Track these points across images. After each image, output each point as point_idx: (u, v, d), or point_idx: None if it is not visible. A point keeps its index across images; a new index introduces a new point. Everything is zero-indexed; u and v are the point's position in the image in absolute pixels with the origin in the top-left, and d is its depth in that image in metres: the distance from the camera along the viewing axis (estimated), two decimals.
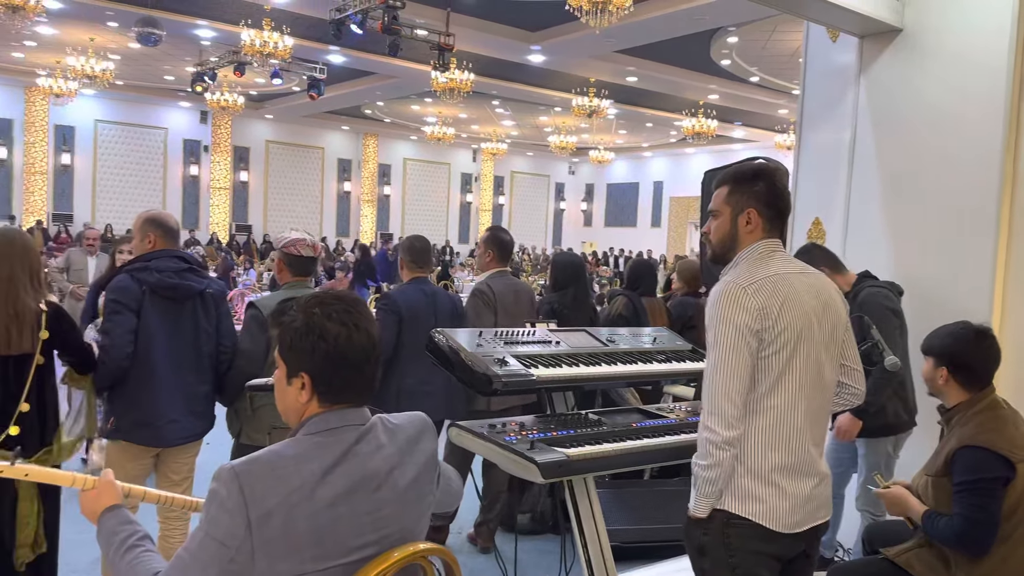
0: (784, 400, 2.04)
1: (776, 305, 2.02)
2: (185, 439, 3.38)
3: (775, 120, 20.32)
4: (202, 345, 3.38)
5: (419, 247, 4.22)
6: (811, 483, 2.09)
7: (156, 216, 3.45)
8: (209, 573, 1.46)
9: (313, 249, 3.56)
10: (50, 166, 21.60)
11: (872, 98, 4.21)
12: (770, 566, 2.09)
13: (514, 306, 4.38)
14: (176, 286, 3.27)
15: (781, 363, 2.03)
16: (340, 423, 1.60)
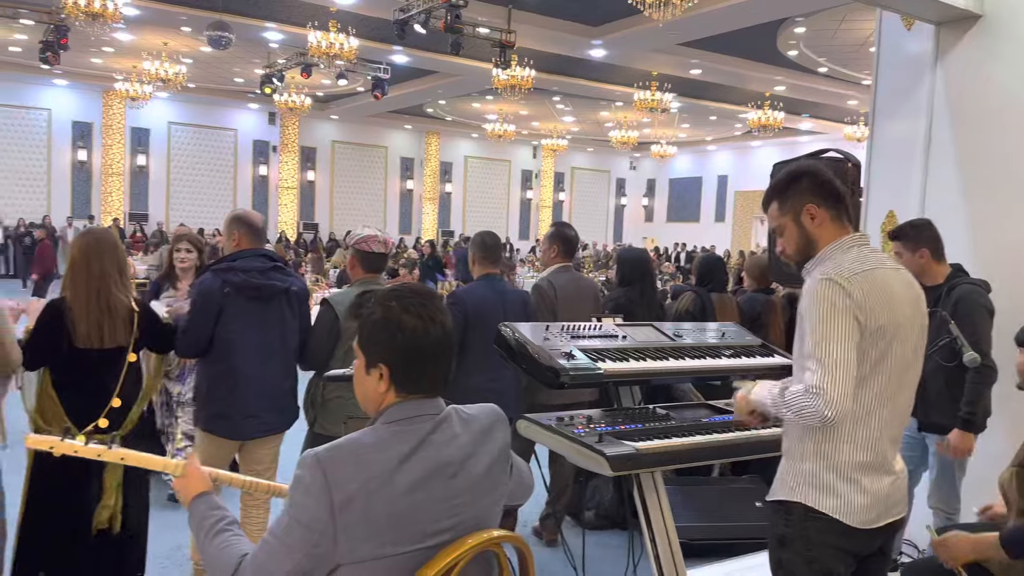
0: (869, 398, 2.02)
1: (874, 302, 2.00)
2: (263, 433, 3.50)
3: (844, 111, 19.78)
4: (288, 341, 3.48)
5: (491, 243, 4.23)
6: (889, 480, 2.08)
7: (242, 215, 3.56)
8: (295, 556, 1.52)
9: (385, 245, 3.63)
10: (126, 167, 22.43)
11: (949, 87, 4.08)
12: (847, 562, 2.08)
13: (577, 301, 4.37)
14: (261, 286, 3.37)
15: (872, 361, 2.01)
16: (416, 412, 1.65)
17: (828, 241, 2.13)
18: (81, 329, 2.95)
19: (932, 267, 3.57)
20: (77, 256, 3.02)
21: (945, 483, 3.57)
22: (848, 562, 2.08)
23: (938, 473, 3.59)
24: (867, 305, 1.98)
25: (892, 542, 2.21)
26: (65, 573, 2.99)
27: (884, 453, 2.07)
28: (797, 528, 2.07)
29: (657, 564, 2.61)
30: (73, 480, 2.98)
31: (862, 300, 1.98)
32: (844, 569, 2.08)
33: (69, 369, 3.00)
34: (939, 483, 3.59)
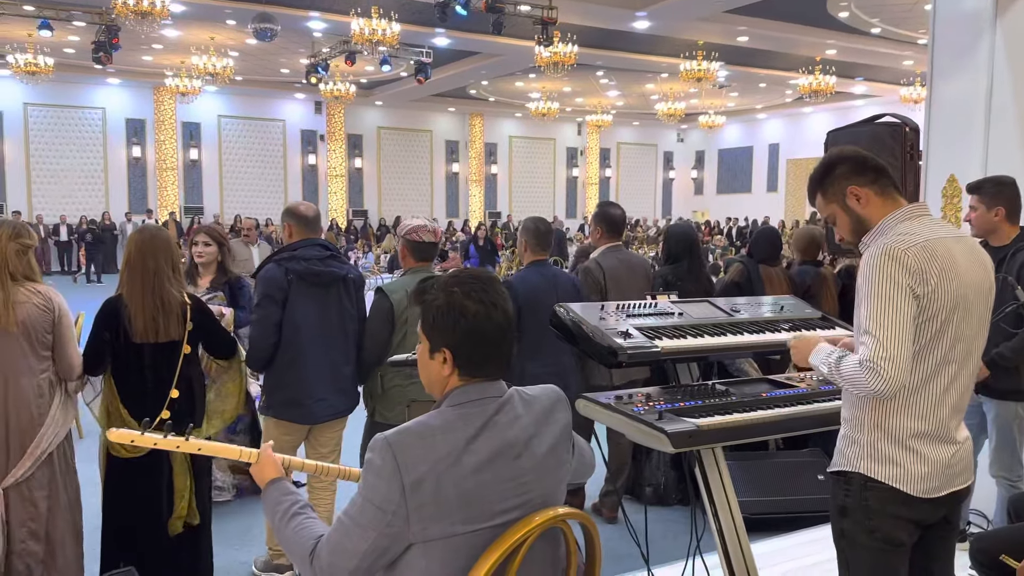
0: (928, 369, 2.00)
1: (935, 272, 1.96)
2: (332, 416, 3.62)
3: (900, 73, 19.17)
4: (347, 327, 3.60)
5: (543, 230, 4.22)
6: (950, 450, 2.05)
7: (291, 207, 3.71)
8: (369, 535, 1.58)
9: (434, 235, 3.70)
10: (179, 161, 22.97)
11: (1010, 44, 3.94)
12: (909, 530, 2.07)
13: (628, 281, 4.35)
14: (321, 273, 3.50)
15: (932, 332, 1.98)
16: (480, 395, 1.68)
17: (880, 216, 2.11)
18: (138, 324, 3.05)
19: (1004, 227, 3.48)
20: (133, 253, 3.11)
21: (1006, 450, 3.49)
22: (911, 530, 2.07)
23: (998, 440, 3.51)
24: (925, 276, 1.95)
25: (958, 511, 2.19)
26: (145, 562, 3.12)
27: (945, 423, 2.04)
28: (857, 498, 2.07)
29: (721, 539, 2.62)
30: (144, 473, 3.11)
31: (919, 271, 1.95)
32: (907, 537, 2.07)
33: (126, 364, 3.10)
34: (1000, 450, 3.51)
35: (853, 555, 2.12)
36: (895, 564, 2.08)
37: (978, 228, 3.53)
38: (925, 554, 2.15)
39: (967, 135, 4.11)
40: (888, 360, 1.91)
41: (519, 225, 4.74)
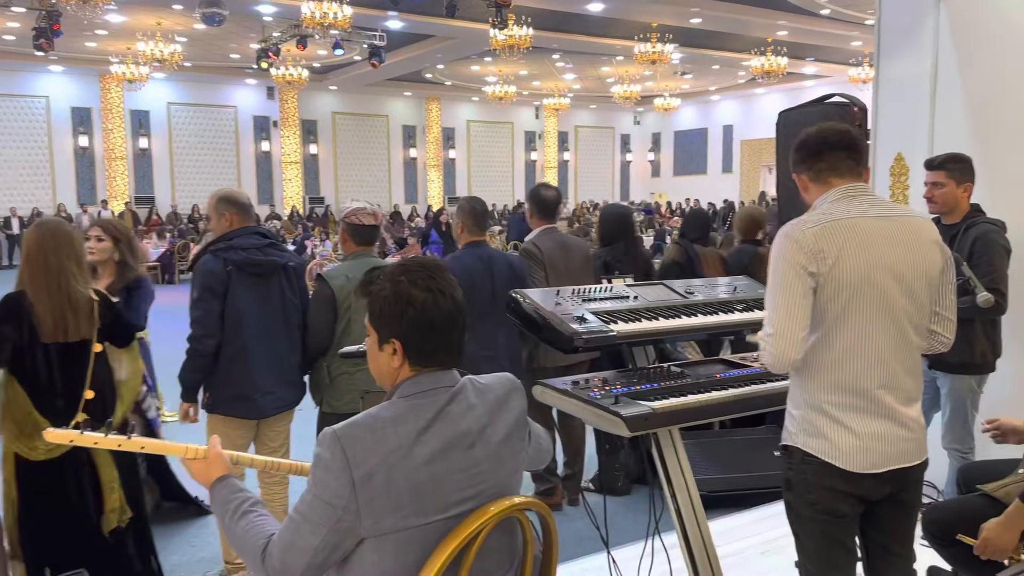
0: (844, 343, 2.04)
1: (834, 251, 2.01)
2: (281, 408, 3.52)
3: (849, 53, 19.45)
4: (290, 316, 3.50)
5: (480, 210, 4.15)
6: (885, 425, 2.05)
7: (230, 194, 3.54)
8: (320, 532, 1.55)
9: (374, 217, 3.61)
10: (129, 150, 22.42)
11: (954, 23, 4.00)
12: (850, 503, 2.09)
13: (564, 263, 4.32)
14: (262, 262, 3.39)
15: (839, 308, 2.03)
16: (432, 385, 1.66)
17: (813, 200, 2.19)
18: (47, 325, 2.91)
19: (963, 204, 3.52)
20: (34, 250, 2.95)
21: (958, 422, 3.57)
22: (852, 503, 2.09)
23: (951, 413, 3.59)
24: (823, 255, 2.00)
25: (912, 490, 2.17)
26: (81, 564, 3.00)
27: (876, 397, 2.05)
28: (797, 471, 2.13)
29: (679, 518, 2.64)
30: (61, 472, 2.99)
31: (815, 250, 2.01)
32: (849, 509, 2.10)
33: (36, 366, 2.94)
34: (952, 423, 3.59)
35: (800, 527, 2.18)
36: (838, 535, 2.12)
37: (944, 204, 3.53)
38: (879, 529, 2.19)
39: (914, 114, 4.17)
40: (776, 336, 2.03)
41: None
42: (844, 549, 2.14)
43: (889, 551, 2.20)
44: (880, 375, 2.06)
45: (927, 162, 3.60)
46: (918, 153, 4.10)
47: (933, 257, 2.11)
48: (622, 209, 5.15)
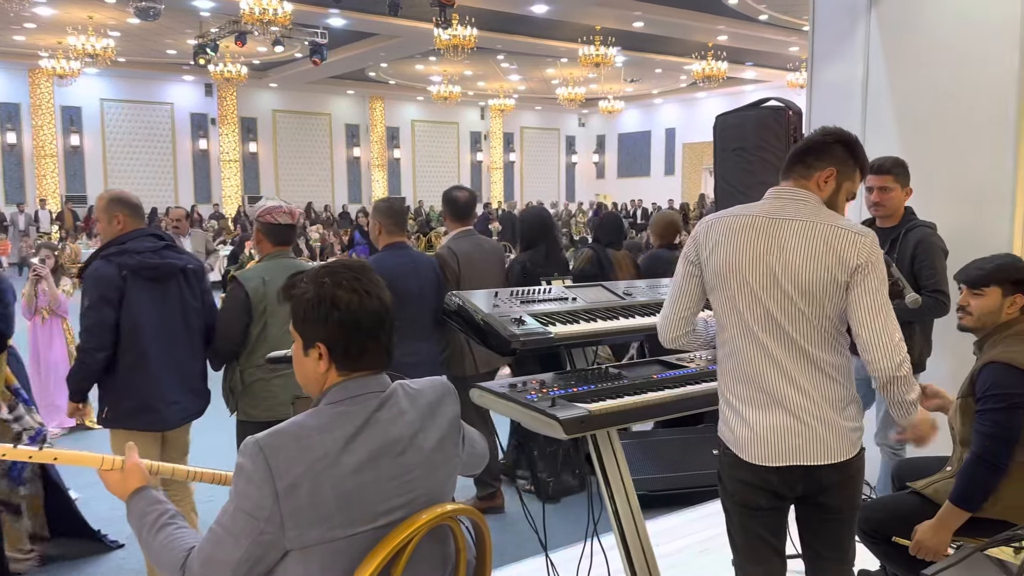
0: (733, 335, 2.11)
1: (710, 243, 2.14)
2: (186, 419, 3.36)
3: (786, 59, 19.92)
4: (192, 321, 3.34)
5: (398, 209, 4.02)
6: (781, 418, 2.04)
7: (120, 195, 3.35)
8: (242, 545, 1.49)
9: (291, 216, 3.46)
10: (59, 148, 21.66)
11: (884, 31, 4.10)
12: (764, 496, 2.10)
13: (482, 265, 4.26)
14: (159, 265, 3.21)
15: (722, 298, 2.13)
16: (360, 391, 1.61)
17: None
18: None
19: (902, 207, 3.59)
20: None
21: (891, 420, 3.65)
22: (766, 496, 2.09)
23: (885, 410, 3.67)
24: (700, 246, 2.16)
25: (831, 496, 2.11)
26: None
27: (771, 389, 2.05)
28: (719, 463, 2.21)
29: (616, 519, 2.64)
30: None
31: (696, 242, 2.18)
32: (766, 503, 2.10)
33: None
34: (886, 420, 3.67)
35: (728, 517, 2.23)
36: (757, 528, 2.14)
37: (892, 208, 3.56)
38: (808, 530, 2.20)
39: (846, 118, 4.26)
40: (660, 314, 2.31)
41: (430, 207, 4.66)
42: (765, 543, 2.15)
43: (819, 554, 2.19)
44: (769, 370, 2.06)
45: (875, 166, 3.56)
46: None
47: (826, 261, 2.03)
48: (541, 212, 5.07)
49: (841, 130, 2.23)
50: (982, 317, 2.70)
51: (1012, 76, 3.57)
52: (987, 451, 2.51)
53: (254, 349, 3.36)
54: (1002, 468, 2.50)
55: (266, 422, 3.29)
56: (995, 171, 3.65)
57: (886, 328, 2.02)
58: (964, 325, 2.76)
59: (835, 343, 2.09)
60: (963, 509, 2.53)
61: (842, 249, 2.03)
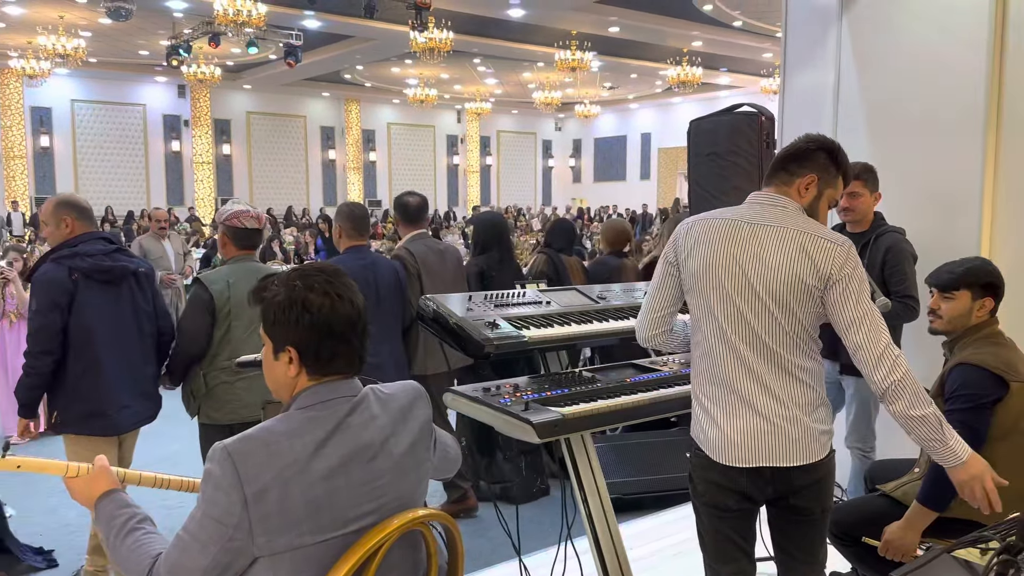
0: (707, 336, 2.13)
1: (688, 245, 2.16)
2: (138, 423, 3.33)
3: (760, 64, 20.12)
4: (143, 325, 3.32)
5: (359, 214, 4.01)
6: (751, 420, 2.05)
7: (69, 199, 3.32)
8: (210, 551, 1.47)
9: (257, 221, 3.46)
10: (29, 149, 21.31)
11: (855, 38, 4.16)
12: (733, 497, 2.11)
13: (439, 268, 4.28)
14: (111, 268, 3.19)
15: (698, 300, 2.15)
16: (331, 395, 1.59)
17: None
18: None
19: (872, 212, 3.64)
20: None
21: (862, 422, 3.70)
22: (735, 498, 2.10)
23: (856, 414, 3.71)
24: (678, 248, 2.19)
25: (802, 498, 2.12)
26: None
27: (742, 391, 2.07)
28: (691, 464, 2.22)
29: (590, 522, 2.64)
30: None
31: (675, 243, 2.21)
32: (733, 503, 2.11)
33: None
34: (857, 423, 3.71)
35: (698, 518, 2.24)
36: (726, 529, 2.15)
37: (861, 213, 3.61)
38: (780, 532, 2.22)
39: (817, 123, 4.30)
40: (639, 315, 2.35)
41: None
42: (733, 544, 2.16)
43: (791, 556, 2.21)
44: (741, 373, 2.08)
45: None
46: None
47: (798, 268, 2.04)
48: (496, 216, 5.09)
49: (824, 137, 2.24)
50: (952, 320, 2.73)
51: (980, 81, 3.63)
52: None
53: (217, 352, 3.33)
54: None
55: (229, 425, 3.26)
56: (964, 175, 3.71)
57: (869, 337, 2.01)
58: (935, 328, 2.80)
59: (807, 348, 2.10)
60: (930, 509, 2.56)
61: (817, 257, 2.04)
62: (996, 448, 2.54)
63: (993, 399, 2.53)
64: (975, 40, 3.64)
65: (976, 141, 3.65)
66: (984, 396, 2.53)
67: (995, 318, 2.73)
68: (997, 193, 3.69)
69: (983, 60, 3.62)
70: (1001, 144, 3.67)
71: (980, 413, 2.52)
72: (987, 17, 3.59)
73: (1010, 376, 2.55)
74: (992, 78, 3.62)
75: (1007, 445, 2.54)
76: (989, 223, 3.70)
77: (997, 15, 3.60)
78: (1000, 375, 2.54)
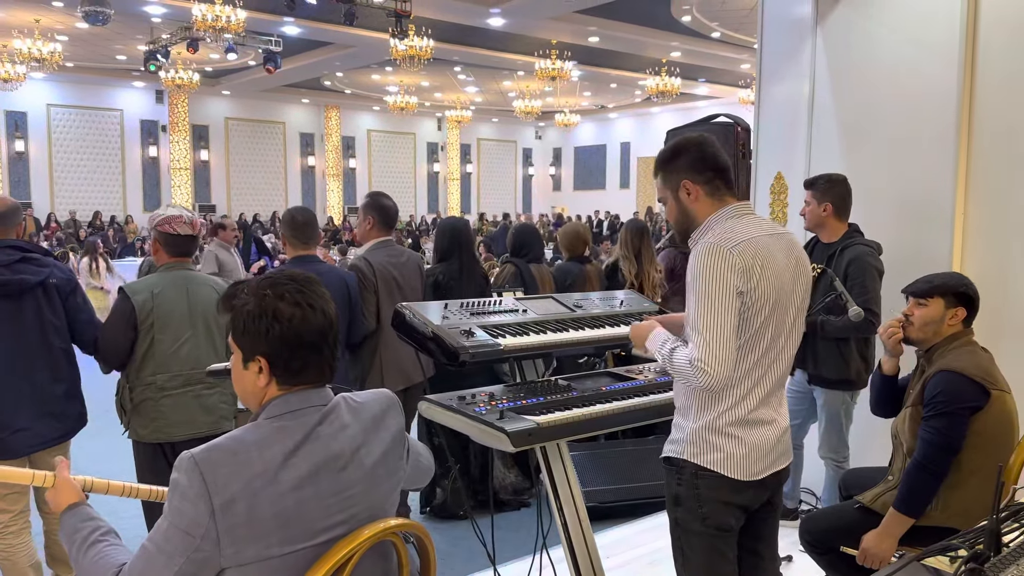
0: (752, 359, 2.08)
1: (758, 268, 2.04)
2: (39, 446, 3.08)
3: (738, 75, 20.30)
4: (52, 340, 3.10)
5: (301, 220, 3.77)
6: (771, 432, 2.14)
7: None
8: (175, 562, 1.45)
9: (192, 227, 3.25)
10: (3, 154, 21.03)
11: (829, 50, 4.21)
12: (736, 515, 2.15)
13: (400, 277, 4.04)
14: (7, 282, 2.98)
15: (756, 325, 2.06)
16: (301, 405, 1.58)
17: (706, 214, 2.16)
18: None
19: (831, 223, 3.68)
20: None
21: (834, 433, 3.73)
22: (738, 515, 2.15)
23: (827, 424, 3.74)
24: (749, 273, 2.02)
25: (780, 491, 2.29)
26: None
27: (766, 407, 2.13)
28: (688, 486, 2.14)
29: (565, 532, 2.63)
30: None
31: (744, 269, 2.02)
32: (735, 522, 2.15)
33: None
34: (828, 433, 3.74)
35: (688, 541, 2.18)
36: (724, 548, 2.16)
37: (809, 222, 3.75)
38: (752, 536, 2.25)
39: (792, 134, 4.35)
40: (714, 359, 1.98)
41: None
42: (727, 561, 2.18)
43: (759, 555, 2.27)
44: (770, 387, 2.13)
45: (804, 182, 3.80)
46: (797, 172, 4.29)
47: (806, 272, 2.21)
48: (458, 222, 4.70)
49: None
50: (923, 327, 2.76)
51: (952, 94, 3.68)
52: (928, 458, 2.57)
53: (141, 366, 3.15)
54: (941, 475, 2.57)
55: (155, 443, 3.17)
56: (936, 187, 3.76)
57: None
58: (907, 336, 2.82)
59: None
60: (905, 515, 2.59)
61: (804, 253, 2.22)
62: (971, 457, 2.57)
63: (972, 407, 2.56)
64: (947, 53, 3.70)
65: (948, 153, 3.71)
66: (964, 403, 2.56)
67: (971, 329, 2.77)
68: (969, 204, 3.75)
69: (955, 73, 3.67)
70: (972, 156, 3.72)
71: (957, 421, 2.55)
72: (959, 31, 3.65)
73: (990, 384, 2.58)
74: (964, 91, 3.68)
75: (980, 455, 2.57)
76: (960, 234, 3.75)
77: (968, 29, 3.66)
78: (981, 383, 2.57)
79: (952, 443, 2.55)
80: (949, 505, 2.60)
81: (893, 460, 2.84)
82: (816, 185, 3.69)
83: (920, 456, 2.59)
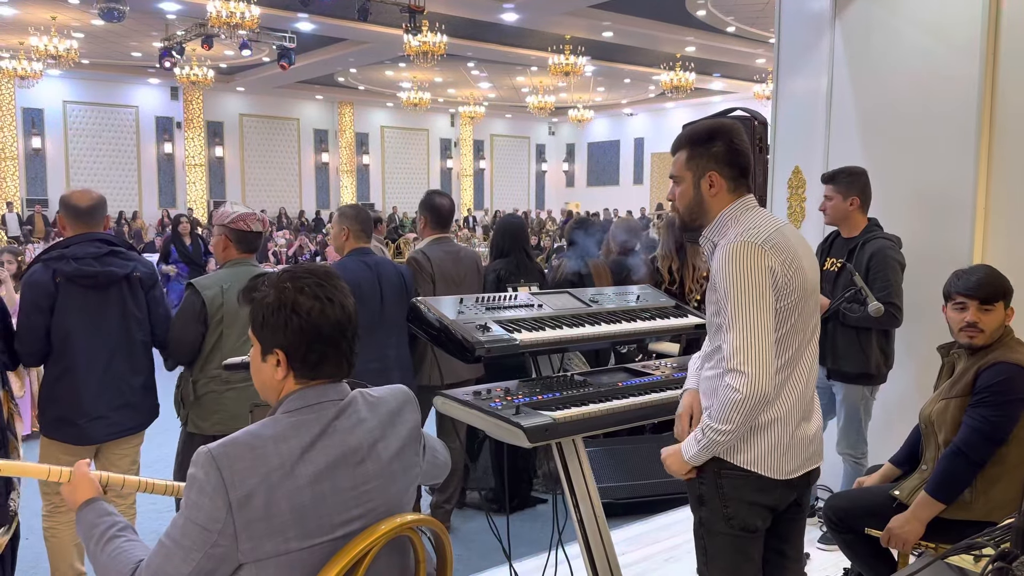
0: (790, 353, 2.03)
1: (788, 262, 2.00)
2: (115, 435, 3.20)
3: (753, 70, 20.17)
4: (133, 333, 3.21)
5: (363, 216, 3.93)
6: (807, 430, 2.10)
7: (64, 197, 3.23)
8: (193, 558, 1.44)
9: (262, 224, 3.39)
10: (20, 150, 21.18)
11: (848, 42, 4.16)
12: (763, 516, 2.10)
13: (455, 273, 4.17)
14: (96, 273, 3.08)
15: (792, 319, 2.01)
16: (318, 399, 1.57)
17: (720, 209, 2.09)
18: None
19: (855, 217, 3.65)
20: None
21: (852, 429, 3.69)
22: (765, 516, 2.11)
23: (845, 420, 3.70)
24: (783, 265, 1.98)
25: (809, 492, 2.26)
26: None
27: (805, 403, 2.09)
28: (712, 486, 2.08)
29: (581, 528, 2.62)
30: None
31: (779, 260, 1.98)
32: (761, 523, 2.10)
33: None
34: (847, 429, 3.70)
35: (711, 542, 2.14)
36: (750, 550, 2.12)
37: (832, 217, 3.68)
38: (779, 537, 2.22)
39: (810, 129, 4.31)
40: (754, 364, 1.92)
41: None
42: (752, 563, 2.14)
43: (785, 556, 2.24)
44: (805, 380, 2.10)
45: (821, 176, 3.75)
46: (815, 166, 4.24)
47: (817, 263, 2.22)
48: (514, 220, 4.94)
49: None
50: (993, 333, 2.64)
51: (973, 87, 3.63)
52: (970, 445, 2.53)
53: (208, 359, 3.24)
54: (980, 464, 2.53)
55: (214, 436, 3.20)
56: (957, 181, 3.70)
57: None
58: (976, 344, 2.65)
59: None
60: (937, 500, 2.55)
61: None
62: (1017, 451, 2.53)
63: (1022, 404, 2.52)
64: (968, 45, 3.64)
65: (969, 147, 3.65)
66: (1018, 399, 2.52)
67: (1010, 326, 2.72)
68: (990, 198, 3.69)
69: (976, 65, 3.62)
70: (994, 149, 3.67)
71: (1010, 411, 2.51)
72: (980, 23, 3.60)
73: None
74: (985, 83, 3.62)
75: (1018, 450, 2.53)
76: (982, 228, 3.70)
77: (990, 21, 3.60)
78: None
79: (998, 433, 2.51)
80: (992, 498, 2.57)
81: (925, 450, 2.79)
82: (838, 179, 3.64)
83: (962, 442, 2.54)
